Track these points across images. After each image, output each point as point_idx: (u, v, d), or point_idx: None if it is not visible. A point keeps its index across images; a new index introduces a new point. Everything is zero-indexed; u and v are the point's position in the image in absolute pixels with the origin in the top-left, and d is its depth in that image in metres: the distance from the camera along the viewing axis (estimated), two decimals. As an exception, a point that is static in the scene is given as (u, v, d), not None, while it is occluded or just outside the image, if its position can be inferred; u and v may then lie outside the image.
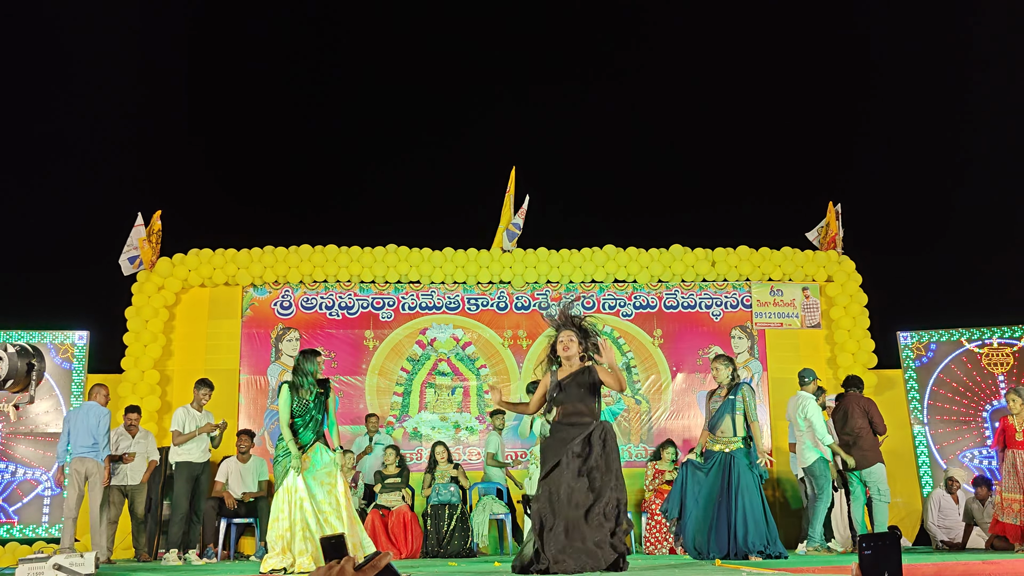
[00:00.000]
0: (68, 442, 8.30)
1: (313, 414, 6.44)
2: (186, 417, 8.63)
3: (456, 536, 8.90)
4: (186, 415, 8.64)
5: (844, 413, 8.53)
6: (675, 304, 10.84)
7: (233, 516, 9.24)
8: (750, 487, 6.92)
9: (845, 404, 8.63)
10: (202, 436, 8.64)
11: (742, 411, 7.15)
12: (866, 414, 8.45)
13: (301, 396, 6.46)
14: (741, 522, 6.82)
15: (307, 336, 10.43)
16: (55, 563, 5.77)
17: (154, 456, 9.13)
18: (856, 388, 8.82)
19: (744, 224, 11.88)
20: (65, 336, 10.22)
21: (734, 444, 7.07)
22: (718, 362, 7.42)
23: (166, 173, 12.65)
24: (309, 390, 6.48)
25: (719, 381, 7.38)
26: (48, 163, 12.54)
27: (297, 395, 6.45)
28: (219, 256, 10.44)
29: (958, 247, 12.44)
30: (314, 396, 6.47)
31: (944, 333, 10.71)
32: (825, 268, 10.82)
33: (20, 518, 9.77)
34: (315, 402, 6.46)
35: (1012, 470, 7.93)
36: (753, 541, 6.77)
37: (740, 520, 6.83)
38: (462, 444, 10.33)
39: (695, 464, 7.21)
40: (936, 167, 13.05)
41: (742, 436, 7.09)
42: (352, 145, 13.72)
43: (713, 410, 7.30)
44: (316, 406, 6.46)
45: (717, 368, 7.38)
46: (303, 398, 6.46)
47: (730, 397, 7.22)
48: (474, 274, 10.60)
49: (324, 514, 6.26)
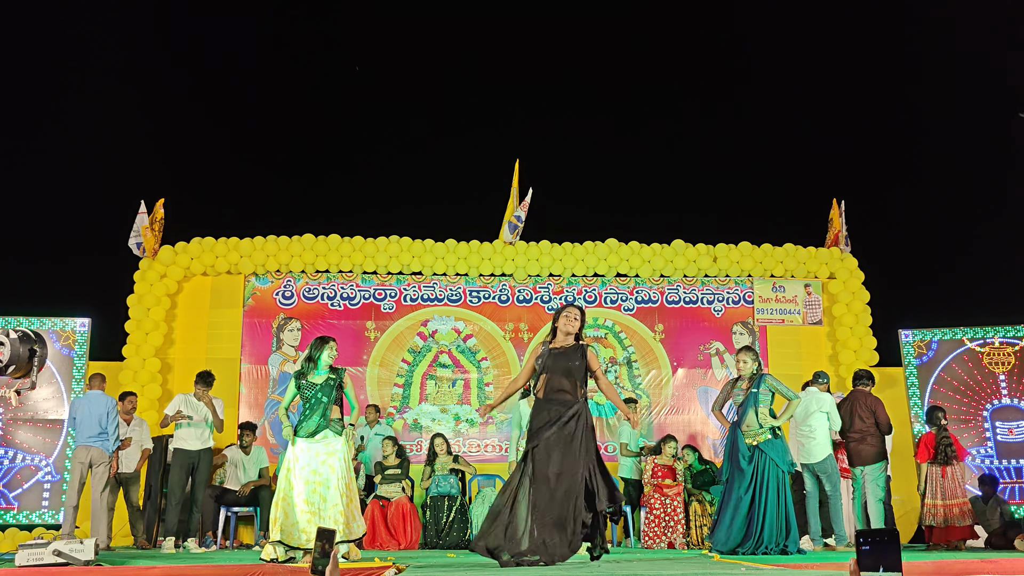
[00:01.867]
0: (73, 428, 8.32)
1: (320, 398, 6.42)
2: (180, 405, 8.59)
3: (455, 527, 8.92)
4: (182, 403, 8.61)
5: (850, 410, 8.48)
6: (677, 299, 10.84)
7: (233, 505, 9.25)
8: (772, 483, 6.91)
9: (851, 401, 8.57)
10: (200, 423, 8.60)
11: (766, 404, 7.11)
12: (873, 414, 8.41)
13: (309, 381, 6.46)
14: (759, 518, 6.83)
15: (308, 326, 10.43)
16: (55, 549, 5.78)
17: (148, 444, 9.13)
18: (866, 382, 8.63)
19: (747, 220, 11.88)
20: (66, 323, 10.23)
21: (762, 436, 7.04)
22: (745, 354, 7.35)
23: (170, 161, 12.64)
24: (319, 376, 6.47)
25: (743, 374, 7.33)
26: (51, 150, 12.52)
27: (305, 380, 6.46)
28: (222, 244, 10.44)
29: (961, 245, 12.43)
30: (323, 383, 6.46)
31: (946, 332, 10.70)
32: (827, 265, 10.81)
33: (20, 504, 9.78)
34: (323, 388, 6.45)
35: (934, 479, 8.32)
36: (768, 538, 6.76)
37: (759, 516, 6.84)
38: (462, 436, 10.34)
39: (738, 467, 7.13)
40: (940, 166, 13.03)
41: (769, 427, 7.04)
42: (357, 136, 13.71)
43: (737, 404, 7.28)
44: (325, 392, 6.45)
45: (745, 360, 7.31)
46: (311, 382, 6.46)
47: (752, 390, 7.17)
48: (476, 266, 10.59)
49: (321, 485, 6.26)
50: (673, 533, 8.94)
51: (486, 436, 10.40)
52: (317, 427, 6.38)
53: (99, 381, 8.57)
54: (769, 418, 7.10)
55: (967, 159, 13.07)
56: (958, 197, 12.67)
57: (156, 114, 12.96)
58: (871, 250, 11.03)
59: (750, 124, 13.50)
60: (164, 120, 12.90)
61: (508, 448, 9.95)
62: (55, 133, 12.59)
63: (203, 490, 8.70)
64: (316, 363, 6.51)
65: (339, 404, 6.55)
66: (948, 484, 8.25)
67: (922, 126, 13.09)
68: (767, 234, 10.99)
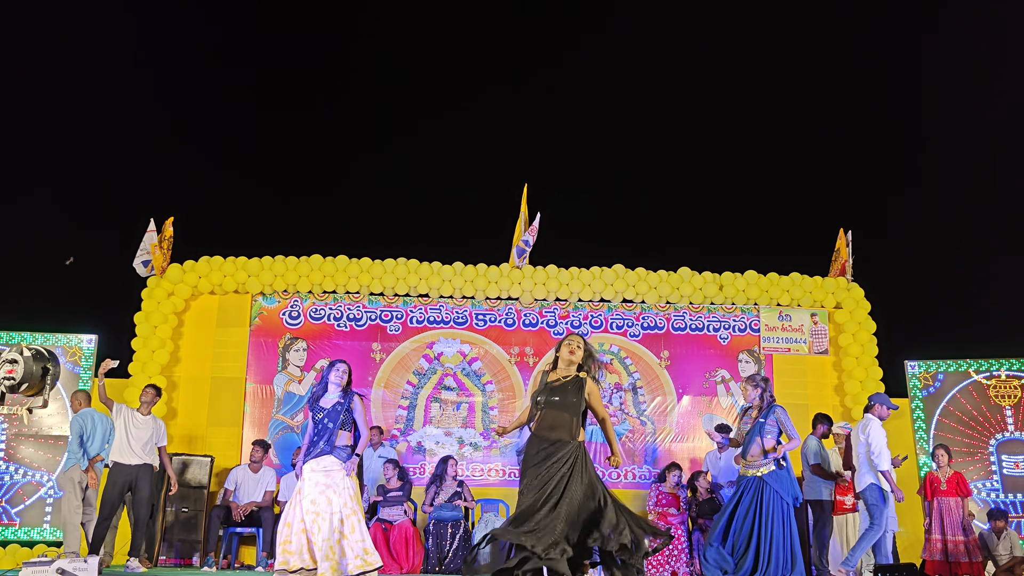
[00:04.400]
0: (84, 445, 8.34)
1: (326, 424, 6.41)
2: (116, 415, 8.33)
3: (459, 554, 8.86)
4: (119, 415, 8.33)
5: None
6: (683, 326, 10.83)
7: (235, 525, 9.22)
8: (777, 515, 6.83)
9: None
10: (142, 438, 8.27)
11: (772, 435, 7.04)
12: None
13: (319, 406, 6.46)
14: (765, 549, 6.75)
15: (314, 347, 10.44)
16: (58, 567, 5.77)
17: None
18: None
19: (753, 249, 11.89)
20: (71, 340, 10.24)
21: (765, 468, 6.97)
22: (748, 383, 7.34)
23: (178, 180, 12.70)
24: (328, 399, 6.47)
25: (748, 401, 7.31)
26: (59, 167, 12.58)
27: (316, 404, 6.47)
28: (229, 263, 10.46)
29: (968, 278, 12.42)
30: (331, 407, 6.45)
31: (952, 364, 10.68)
32: (834, 295, 10.81)
33: (22, 520, 9.76)
34: (331, 413, 6.44)
35: (938, 516, 8.43)
36: (773, 569, 6.69)
37: (764, 547, 6.76)
38: (466, 460, 10.31)
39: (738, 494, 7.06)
40: (949, 197, 13.05)
41: (774, 458, 6.98)
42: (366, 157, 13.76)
43: (743, 432, 7.22)
44: (331, 417, 6.44)
45: (746, 388, 7.32)
46: (320, 407, 6.46)
47: (760, 420, 7.12)
48: (483, 288, 10.60)
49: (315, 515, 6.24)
50: (677, 562, 8.89)
51: (490, 460, 10.37)
52: (320, 452, 6.39)
53: (84, 399, 8.68)
54: (774, 449, 7.05)
55: (976, 190, 13.09)
56: (966, 229, 12.69)
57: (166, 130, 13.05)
58: (878, 280, 11.02)
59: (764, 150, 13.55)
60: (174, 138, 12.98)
61: (513, 472, 9.91)
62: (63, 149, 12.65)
63: (145, 508, 8.32)
64: (325, 387, 6.52)
65: (350, 429, 6.53)
66: (951, 519, 8.23)
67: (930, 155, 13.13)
68: (773, 263, 11.00)
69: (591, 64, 14.15)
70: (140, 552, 8.24)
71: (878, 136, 13.70)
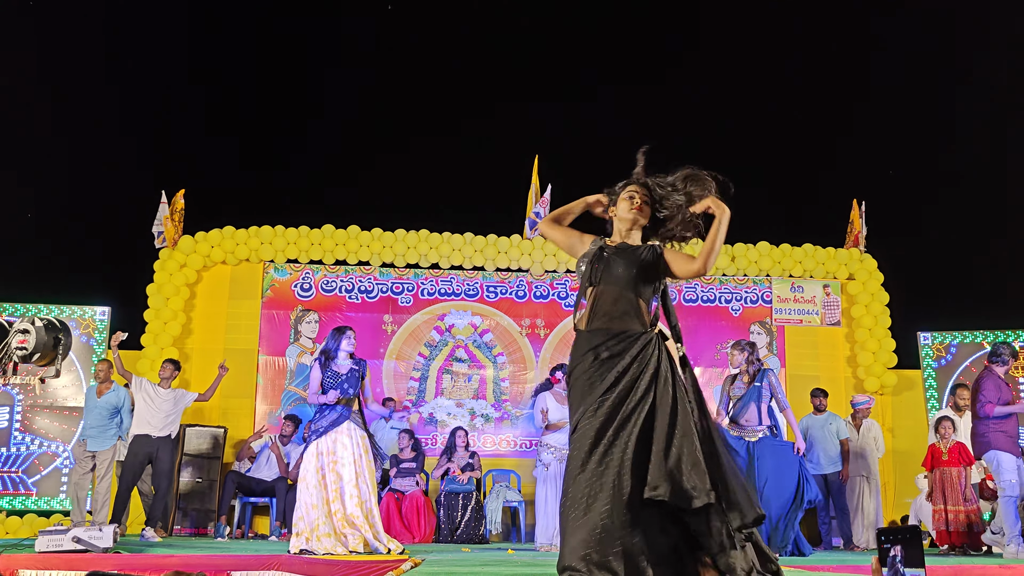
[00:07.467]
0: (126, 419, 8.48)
1: (346, 389, 6.43)
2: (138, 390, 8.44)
3: (471, 524, 8.92)
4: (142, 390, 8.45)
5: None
6: (695, 298, 10.81)
7: (249, 495, 9.30)
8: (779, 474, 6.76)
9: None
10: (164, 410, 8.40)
11: (768, 399, 7.02)
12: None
13: (333, 371, 6.47)
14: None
15: (326, 319, 10.47)
16: (74, 536, 5.84)
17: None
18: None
19: (766, 220, 11.82)
20: (86, 311, 10.31)
21: (759, 433, 6.96)
22: (734, 348, 7.32)
23: (190, 152, 12.69)
24: (341, 365, 6.48)
25: (735, 367, 7.26)
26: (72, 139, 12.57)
27: (330, 370, 6.47)
28: (241, 232, 10.47)
29: (982, 249, 12.32)
30: (348, 373, 6.47)
31: (966, 335, 10.63)
32: (847, 266, 10.76)
33: (38, 490, 9.87)
34: (347, 377, 6.46)
35: (940, 486, 8.33)
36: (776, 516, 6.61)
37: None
38: (477, 431, 10.34)
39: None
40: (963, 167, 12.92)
41: (767, 425, 6.96)
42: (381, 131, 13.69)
43: (735, 398, 7.16)
44: (351, 382, 6.45)
45: (732, 354, 7.29)
46: (335, 372, 6.47)
47: (755, 384, 7.08)
48: (493, 258, 10.59)
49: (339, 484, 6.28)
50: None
51: (501, 431, 10.40)
52: (339, 417, 6.39)
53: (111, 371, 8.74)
54: (769, 416, 7.01)
55: (991, 161, 12.95)
56: (980, 199, 12.57)
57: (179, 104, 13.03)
58: (891, 251, 10.96)
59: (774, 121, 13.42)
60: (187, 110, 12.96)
61: (524, 443, 9.95)
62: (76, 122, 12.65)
63: (164, 479, 8.42)
64: (336, 352, 6.52)
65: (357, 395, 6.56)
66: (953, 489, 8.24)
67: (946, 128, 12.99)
68: (786, 234, 10.94)
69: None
70: (157, 522, 8.33)
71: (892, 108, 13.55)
